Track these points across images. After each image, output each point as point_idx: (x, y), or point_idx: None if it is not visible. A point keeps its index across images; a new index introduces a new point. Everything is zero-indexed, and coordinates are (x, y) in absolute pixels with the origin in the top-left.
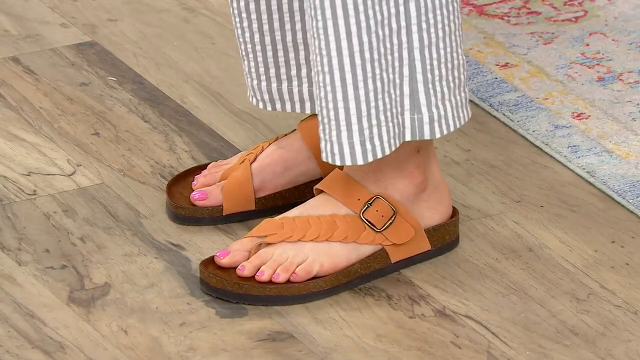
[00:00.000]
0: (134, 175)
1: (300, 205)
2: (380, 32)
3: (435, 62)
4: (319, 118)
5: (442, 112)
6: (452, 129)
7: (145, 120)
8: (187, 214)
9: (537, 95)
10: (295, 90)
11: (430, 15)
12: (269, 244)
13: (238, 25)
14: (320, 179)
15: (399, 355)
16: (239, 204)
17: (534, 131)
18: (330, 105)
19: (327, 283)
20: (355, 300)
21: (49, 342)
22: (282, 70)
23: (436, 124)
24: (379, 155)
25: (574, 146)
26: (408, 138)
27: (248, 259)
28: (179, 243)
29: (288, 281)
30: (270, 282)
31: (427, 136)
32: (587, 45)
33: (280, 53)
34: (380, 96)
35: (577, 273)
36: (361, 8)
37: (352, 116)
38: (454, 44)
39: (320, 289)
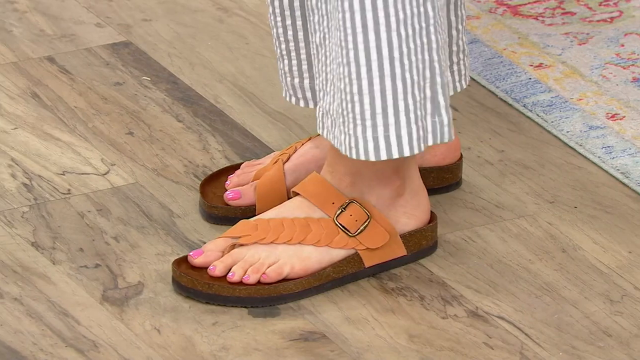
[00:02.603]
0: (167, 175)
1: (276, 207)
2: (403, 32)
3: (444, 64)
4: (339, 110)
5: (451, 115)
6: (452, 133)
7: (179, 120)
8: (221, 214)
9: (571, 96)
10: None
11: (438, 16)
12: (242, 245)
13: (279, 24)
14: None
15: (431, 355)
16: (271, 204)
17: (568, 132)
18: (348, 98)
19: (298, 286)
20: (388, 301)
21: (82, 341)
22: None
23: (451, 127)
24: (395, 155)
25: (608, 147)
26: (430, 142)
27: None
28: None
29: (258, 282)
30: (240, 283)
31: (446, 139)
32: (622, 45)
33: None
34: (401, 97)
35: (610, 274)
36: (380, 5)
37: (365, 112)
38: (447, 47)
39: (290, 292)
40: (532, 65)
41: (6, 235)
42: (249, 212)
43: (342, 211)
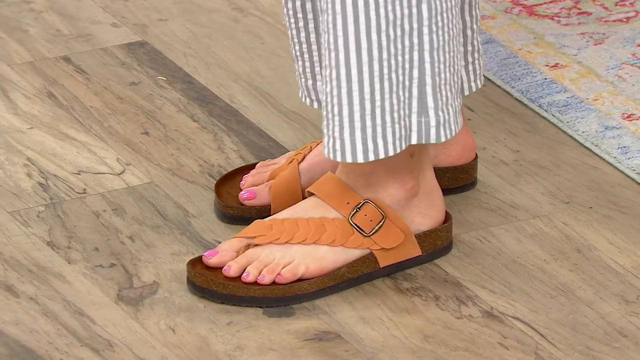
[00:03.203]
0: (182, 175)
1: (291, 207)
2: (392, 33)
3: (442, 66)
4: (323, 113)
5: (446, 116)
6: (453, 133)
7: (194, 120)
8: (235, 214)
9: (587, 96)
10: None
11: (439, 18)
12: (256, 245)
13: (293, 25)
14: None
15: (446, 356)
16: (286, 204)
17: (583, 132)
18: (335, 101)
19: (312, 286)
20: (403, 301)
21: (97, 340)
22: None
23: (442, 128)
24: (382, 156)
25: (624, 147)
26: (414, 141)
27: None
28: None
29: (273, 283)
30: (255, 283)
31: (432, 140)
32: (639, 45)
33: None
34: (387, 96)
35: (626, 275)
36: (372, 6)
37: (355, 113)
38: (455, 49)
39: (305, 292)
40: (547, 66)
41: (22, 234)
42: (264, 211)
43: (356, 211)
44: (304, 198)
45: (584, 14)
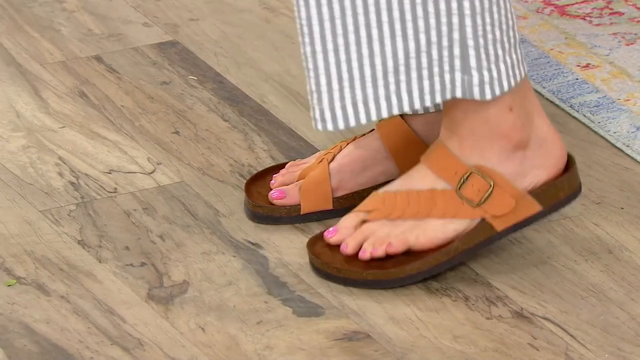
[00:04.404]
0: (213, 174)
1: (403, 177)
2: None
3: (488, 27)
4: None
5: (494, 74)
6: (506, 89)
7: (224, 119)
8: (265, 213)
9: (618, 97)
10: None
11: None
12: (371, 221)
13: None
14: None
15: (475, 356)
16: (316, 203)
17: (614, 132)
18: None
19: (425, 264)
20: (432, 301)
21: (128, 339)
22: None
23: (487, 86)
24: (406, 109)
25: None
26: (459, 95)
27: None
28: (257, 242)
29: (387, 257)
30: (368, 265)
31: (476, 97)
32: None
33: None
34: (413, 55)
35: None
36: None
37: (378, 72)
38: (508, 5)
39: (418, 271)
40: (579, 66)
41: (53, 233)
42: (294, 211)
43: (464, 182)
44: (333, 198)
45: (615, 14)
